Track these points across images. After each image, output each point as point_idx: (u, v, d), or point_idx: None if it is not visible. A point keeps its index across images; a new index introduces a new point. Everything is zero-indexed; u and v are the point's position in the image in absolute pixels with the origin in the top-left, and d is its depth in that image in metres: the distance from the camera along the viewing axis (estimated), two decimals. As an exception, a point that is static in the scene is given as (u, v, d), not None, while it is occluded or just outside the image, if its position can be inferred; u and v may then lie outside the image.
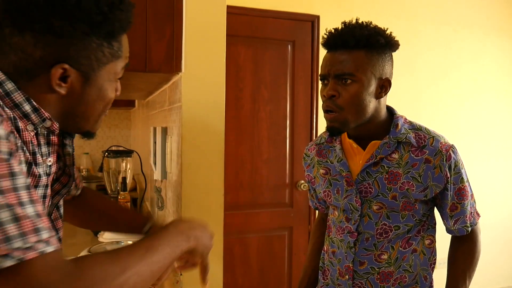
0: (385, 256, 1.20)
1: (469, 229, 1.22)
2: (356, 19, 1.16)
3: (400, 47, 1.20)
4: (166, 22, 1.26)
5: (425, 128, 1.21)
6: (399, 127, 1.18)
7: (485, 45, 3.51)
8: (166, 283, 1.36)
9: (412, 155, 1.16)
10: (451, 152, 1.16)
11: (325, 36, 1.17)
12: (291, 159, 2.94)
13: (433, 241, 1.25)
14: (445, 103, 3.41)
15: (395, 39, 1.17)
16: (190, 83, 1.30)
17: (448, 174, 1.16)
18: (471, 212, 1.22)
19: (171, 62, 1.27)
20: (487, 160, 3.57)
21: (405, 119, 1.23)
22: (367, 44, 1.12)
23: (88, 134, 0.83)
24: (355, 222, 1.22)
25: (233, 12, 2.62)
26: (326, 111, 1.16)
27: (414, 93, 3.26)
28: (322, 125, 3.02)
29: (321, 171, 1.31)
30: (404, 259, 1.21)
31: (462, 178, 1.18)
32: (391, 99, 1.26)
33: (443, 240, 1.40)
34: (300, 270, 1.36)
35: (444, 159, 1.15)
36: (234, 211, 2.78)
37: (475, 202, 1.24)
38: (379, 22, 1.20)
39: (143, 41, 1.24)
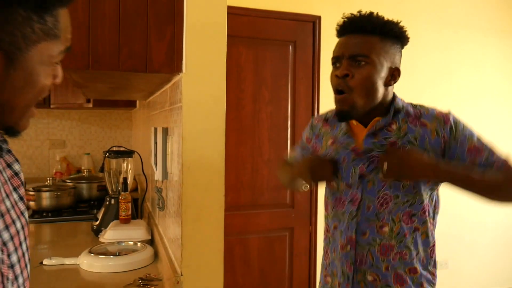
0: (386, 229, 1.21)
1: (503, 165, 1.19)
2: (371, 11, 1.20)
3: (401, 48, 1.22)
4: (167, 22, 1.26)
5: (423, 105, 1.26)
6: (399, 103, 1.24)
7: (486, 47, 3.51)
8: (166, 283, 1.36)
9: (410, 125, 1.21)
10: (448, 117, 1.19)
11: (341, 22, 1.21)
12: (292, 159, 2.94)
13: (435, 227, 1.27)
14: (446, 105, 3.38)
15: (407, 33, 1.22)
16: (190, 83, 1.30)
17: (447, 137, 1.18)
18: (497, 160, 1.19)
19: (171, 63, 1.27)
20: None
21: (404, 100, 1.28)
22: (382, 31, 1.16)
23: (11, 131, 0.67)
24: (358, 186, 1.23)
25: (234, 13, 2.62)
26: (336, 91, 1.20)
27: (415, 94, 3.24)
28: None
29: (329, 140, 1.33)
30: (406, 236, 1.21)
31: (468, 137, 1.19)
32: (392, 99, 1.26)
33: (443, 241, 1.40)
34: (301, 271, 1.37)
35: (442, 123, 1.18)
36: (235, 211, 2.78)
37: (495, 151, 1.21)
38: (380, 23, 1.22)
39: (143, 42, 1.24)
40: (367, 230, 1.22)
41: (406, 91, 3.15)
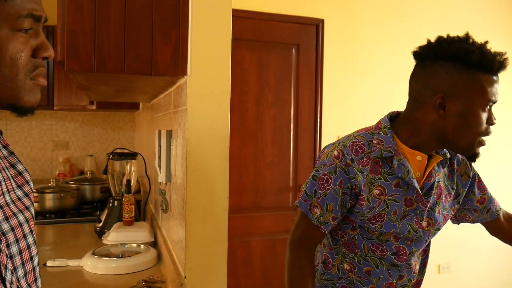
0: (417, 266, 1.21)
1: (500, 212, 1.26)
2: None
3: (404, 51, 1.21)
4: (172, 26, 1.26)
5: None
6: None
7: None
8: (170, 285, 1.36)
9: (447, 168, 1.18)
10: (465, 158, 1.18)
11: (497, 58, 1.09)
12: (295, 162, 2.94)
13: None
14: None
15: None
16: (195, 86, 1.31)
17: (470, 175, 1.20)
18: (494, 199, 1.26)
19: (176, 66, 1.28)
20: (490, 164, 3.56)
21: None
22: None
23: (16, 109, 0.63)
24: (410, 243, 1.14)
25: (238, 16, 2.63)
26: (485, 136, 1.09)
27: (418, 97, 3.26)
28: (326, 129, 3.02)
29: (375, 191, 1.09)
30: (425, 265, 1.24)
31: (477, 172, 1.22)
32: (396, 104, 1.26)
33: (446, 245, 1.39)
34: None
35: (468, 165, 1.20)
36: (238, 214, 2.78)
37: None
38: (384, 26, 1.21)
39: (149, 45, 1.25)
40: (405, 273, 1.18)
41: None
